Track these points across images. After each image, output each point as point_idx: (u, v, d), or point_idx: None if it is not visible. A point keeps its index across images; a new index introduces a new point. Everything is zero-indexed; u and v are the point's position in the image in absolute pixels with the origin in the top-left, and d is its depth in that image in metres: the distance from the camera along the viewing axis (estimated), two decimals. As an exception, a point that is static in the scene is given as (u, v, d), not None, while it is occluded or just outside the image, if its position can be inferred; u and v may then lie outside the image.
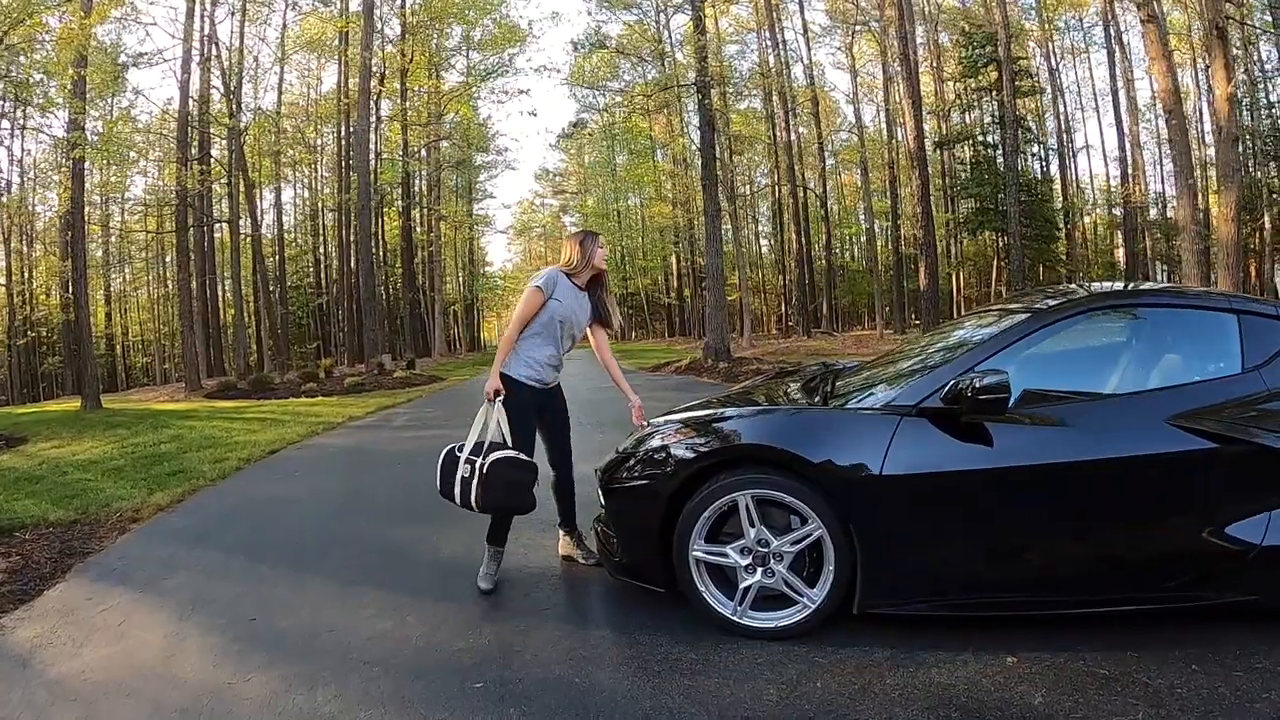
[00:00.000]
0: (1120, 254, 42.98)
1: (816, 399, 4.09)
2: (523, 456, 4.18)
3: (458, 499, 4.16)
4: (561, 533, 4.74)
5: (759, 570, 3.45)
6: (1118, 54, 33.38)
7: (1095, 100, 45.08)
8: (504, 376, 4.37)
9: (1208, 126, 34.41)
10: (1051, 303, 3.79)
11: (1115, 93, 31.53)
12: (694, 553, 3.51)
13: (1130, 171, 31.77)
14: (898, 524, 3.34)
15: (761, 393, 4.76)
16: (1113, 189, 42.00)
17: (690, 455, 3.61)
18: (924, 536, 3.36)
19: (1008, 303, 4.59)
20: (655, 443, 3.83)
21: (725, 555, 3.50)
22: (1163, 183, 36.49)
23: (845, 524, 3.35)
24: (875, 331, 32.52)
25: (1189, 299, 3.81)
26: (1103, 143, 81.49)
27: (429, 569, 4.64)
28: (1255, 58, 29.83)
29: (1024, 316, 3.72)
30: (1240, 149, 14.04)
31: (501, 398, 4.30)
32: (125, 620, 4.05)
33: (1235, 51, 28.80)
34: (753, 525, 3.44)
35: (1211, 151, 36.10)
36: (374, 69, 28.17)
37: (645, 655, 3.34)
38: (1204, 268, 13.01)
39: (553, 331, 4.41)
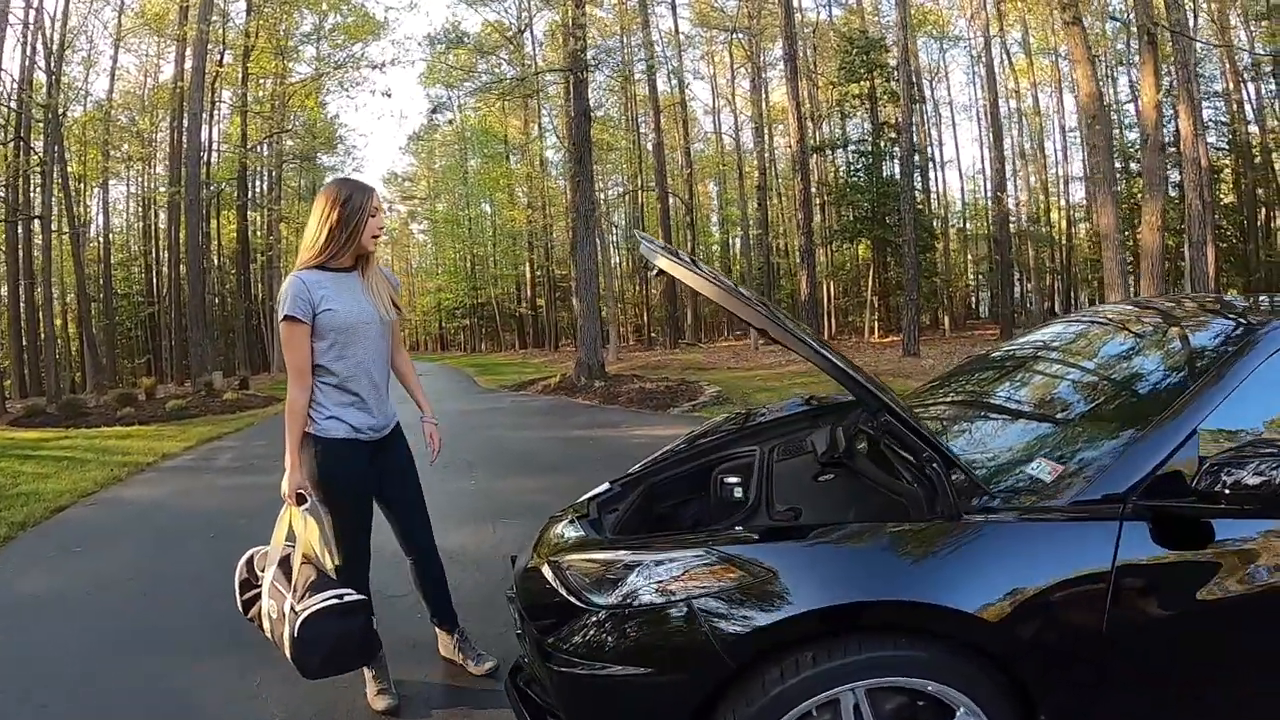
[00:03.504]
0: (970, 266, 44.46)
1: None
2: (350, 596, 2.79)
3: (270, 636, 2.82)
4: (438, 631, 3.48)
5: (866, 804, 1.94)
6: (998, 65, 34.14)
7: (952, 115, 46.65)
8: (312, 440, 2.89)
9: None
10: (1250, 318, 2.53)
11: (995, 104, 31.82)
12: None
13: (1000, 183, 32.16)
14: (1125, 704, 1.97)
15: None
16: (972, 201, 43.28)
17: (746, 628, 1.94)
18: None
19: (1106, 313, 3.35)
20: (651, 589, 2.12)
21: (809, 789, 1.94)
22: (1017, 193, 37.82)
23: (1029, 712, 1.94)
24: (746, 342, 31.71)
25: None
26: (958, 156, 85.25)
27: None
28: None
29: (1225, 340, 2.41)
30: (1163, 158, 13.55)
31: (307, 506, 2.87)
32: None
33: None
34: (864, 734, 1.91)
35: (1075, 166, 37.71)
36: (213, 49, 25.44)
37: None
38: (1125, 276, 12.36)
39: (350, 351, 2.93)
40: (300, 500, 2.88)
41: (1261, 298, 3.14)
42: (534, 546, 2.81)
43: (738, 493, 3.26)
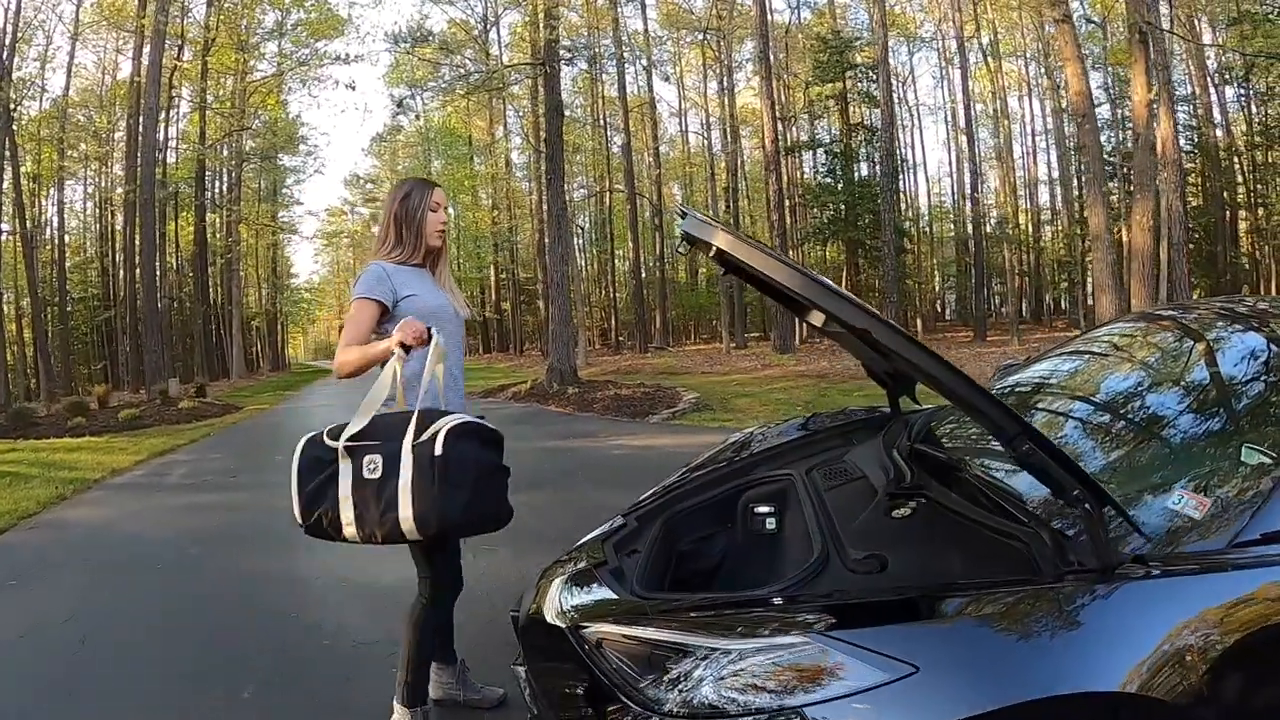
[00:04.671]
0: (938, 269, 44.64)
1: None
2: (488, 424, 2.51)
3: (361, 527, 2.30)
4: (435, 666, 2.99)
5: None
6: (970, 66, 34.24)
7: (918, 118, 46.81)
8: None
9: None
10: None
11: (968, 107, 31.80)
12: None
13: (973, 185, 32.21)
14: None
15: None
16: (938, 204, 43.38)
17: None
18: None
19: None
20: (727, 688, 1.56)
21: None
22: (983, 196, 37.97)
23: None
24: (718, 346, 31.37)
25: None
26: (925, 160, 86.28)
27: None
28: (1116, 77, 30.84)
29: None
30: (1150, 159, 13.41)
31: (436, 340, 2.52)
32: None
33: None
34: None
35: (1042, 170, 38.01)
36: (172, 43, 24.63)
37: None
38: (1115, 277, 12.12)
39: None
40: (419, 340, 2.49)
41: None
42: (536, 597, 2.34)
43: (770, 524, 2.85)
